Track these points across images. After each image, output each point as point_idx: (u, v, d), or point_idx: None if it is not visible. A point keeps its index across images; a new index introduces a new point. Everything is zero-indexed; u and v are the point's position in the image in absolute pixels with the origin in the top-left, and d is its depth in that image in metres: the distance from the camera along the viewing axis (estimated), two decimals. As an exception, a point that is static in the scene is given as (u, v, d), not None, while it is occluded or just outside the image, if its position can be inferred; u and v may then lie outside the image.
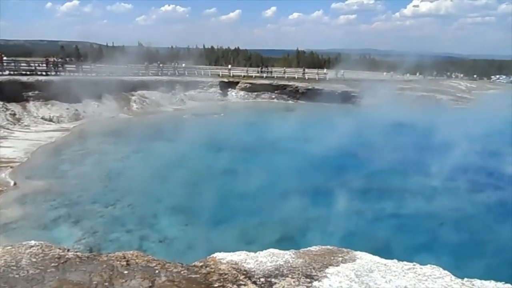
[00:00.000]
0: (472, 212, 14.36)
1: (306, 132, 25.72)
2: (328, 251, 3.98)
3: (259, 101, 42.40)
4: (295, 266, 3.60)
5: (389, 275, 3.30)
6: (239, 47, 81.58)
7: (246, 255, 3.90)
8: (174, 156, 19.67)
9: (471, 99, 45.73)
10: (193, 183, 15.65)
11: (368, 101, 41.39)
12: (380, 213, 13.70)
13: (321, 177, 17.31)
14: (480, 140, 23.25)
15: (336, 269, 3.50)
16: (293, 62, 71.41)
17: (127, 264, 3.41)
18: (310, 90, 42.14)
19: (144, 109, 34.01)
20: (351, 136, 23.50)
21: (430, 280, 3.18)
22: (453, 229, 12.71)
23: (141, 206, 13.65)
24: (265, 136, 24.93)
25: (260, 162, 19.42)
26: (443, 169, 18.32)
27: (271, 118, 32.15)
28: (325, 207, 13.80)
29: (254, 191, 14.80)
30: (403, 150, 21.72)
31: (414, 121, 29.17)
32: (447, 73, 63.56)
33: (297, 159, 19.84)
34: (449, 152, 20.66)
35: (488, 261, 10.21)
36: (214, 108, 36.66)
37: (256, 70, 48.52)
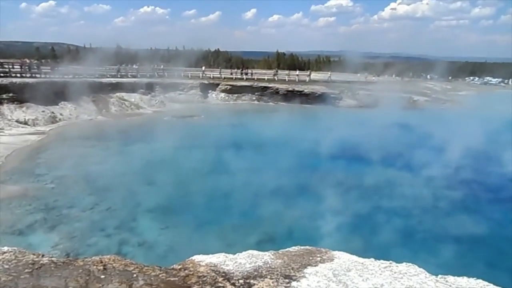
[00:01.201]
0: (448, 210, 14.70)
1: (287, 133, 25.83)
2: (307, 251, 4.01)
3: (239, 103, 42.40)
4: (274, 267, 3.61)
5: (366, 274, 3.35)
6: (219, 49, 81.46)
7: (225, 257, 3.89)
8: (154, 159, 19.48)
9: (446, 100, 46.83)
10: (173, 185, 15.53)
11: (347, 102, 41.97)
12: (359, 212, 13.87)
13: (301, 177, 17.43)
14: (456, 140, 23.82)
15: (315, 269, 3.52)
16: (273, 64, 71.73)
17: (104, 269, 3.35)
18: (291, 92, 42.38)
19: (123, 111, 33.56)
20: (330, 136, 23.74)
21: (405, 277, 3.24)
22: (427, 226, 13.00)
23: (121, 210, 13.46)
24: (246, 137, 24.98)
25: (240, 163, 19.41)
26: (421, 167, 18.74)
27: (251, 120, 32.22)
28: (304, 207, 13.91)
29: (235, 193, 14.80)
30: (381, 150, 22.05)
31: (392, 121, 29.66)
32: (423, 74, 64.92)
33: (277, 160, 19.93)
34: (427, 151, 21.13)
35: (461, 257, 10.48)
36: (194, 110, 36.46)
37: (229, 72, 48.30)
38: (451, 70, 68.40)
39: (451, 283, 3.10)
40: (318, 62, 78.46)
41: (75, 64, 38.71)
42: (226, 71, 49.36)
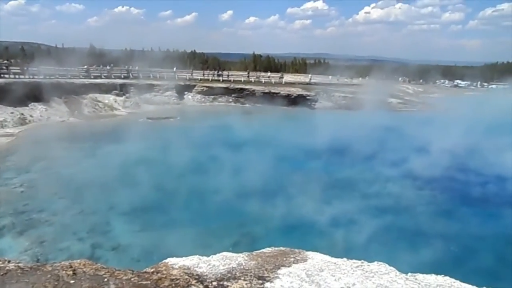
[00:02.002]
0: (418, 209, 15.05)
1: (262, 135, 25.85)
2: (281, 252, 4.03)
3: (216, 104, 42.25)
4: (247, 268, 3.61)
5: (338, 273, 3.39)
6: (195, 50, 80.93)
7: (199, 259, 3.87)
8: (128, 161, 19.13)
9: (418, 102, 48.03)
10: (148, 188, 15.30)
11: (323, 104, 42.50)
12: (333, 212, 14.03)
13: (276, 178, 17.49)
14: (429, 141, 24.47)
15: (288, 269, 3.54)
16: (250, 66, 71.83)
17: (74, 274, 3.28)
18: (267, 94, 42.54)
19: (96, 113, 32.88)
20: (304, 138, 24.00)
21: (376, 276, 3.30)
22: (400, 225, 13.30)
23: (93, 213, 13.18)
24: (221, 139, 24.87)
25: (216, 165, 19.32)
26: (393, 167, 19.16)
27: (227, 122, 32.07)
28: (280, 207, 13.98)
29: (211, 194, 14.74)
30: (356, 150, 22.41)
31: (366, 123, 30.19)
32: (396, 77, 66.35)
33: (252, 161, 19.92)
34: (400, 152, 21.62)
35: (430, 255, 10.76)
36: (170, 111, 36.10)
37: (202, 73, 47.92)
38: (422, 73, 70.28)
39: (420, 281, 3.18)
40: (294, 65, 79.02)
41: (46, 64, 37.61)
42: (199, 72, 48.85)
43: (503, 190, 18.26)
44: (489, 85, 69.57)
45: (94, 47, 58.48)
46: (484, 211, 15.73)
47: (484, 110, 36.30)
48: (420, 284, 3.13)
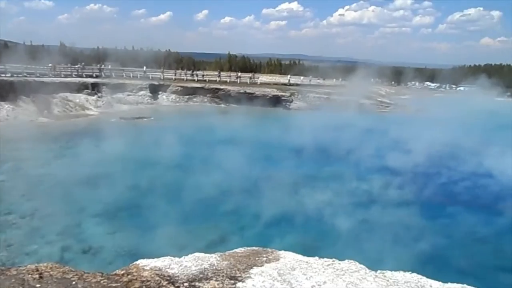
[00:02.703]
0: (386, 207, 15.40)
1: (237, 135, 25.74)
2: (253, 252, 4.03)
3: (191, 104, 41.92)
4: (220, 268, 3.60)
5: (310, 272, 3.42)
6: (170, 50, 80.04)
7: (171, 260, 3.82)
8: (100, 162, 18.73)
9: (390, 103, 49.10)
10: (120, 189, 15.04)
11: (297, 105, 42.85)
12: (306, 211, 14.18)
13: (249, 179, 17.49)
14: (399, 140, 25.09)
15: (260, 269, 3.55)
16: (225, 66, 71.60)
17: (40, 277, 3.18)
18: (242, 94, 42.53)
19: (67, 112, 32.01)
20: (278, 138, 24.15)
21: (347, 274, 3.35)
22: (370, 223, 13.57)
23: (64, 215, 12.82)
24: (195, 139, 24.69)
25: (189, 166, 19.18)
26: (365, 167, 19.56)
27: (202, 122, 31.88)
28: (253, 207, 14.03)
29: (185, 195, 14.60)
30: (330, 150, 22.73)
31: (338, 123, 30.61)
32: (369, 78, 67.53)
33: (225, 161, 19.86)
34: (373, 151, 22.07)
35: (399, 253, 11.04)
36: (143, 111, 35.57)
37: (174, 73, 47.40)
38: (394, 74, 71.95)
39: (389, 278, 3.26)
40: (270, 65, 79.28)
41: (13, 62, 36.31)
42: (172, 72, 48.25)
43: (472, 187, 19.00)
44: (457, 87, 71.89)
45: (65, 45, 56.91)
46: (455, 208, 16.28)
47: (453, 111, 37.48)
48: (388, 281, 3.20)
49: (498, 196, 17.95)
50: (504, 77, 63.92)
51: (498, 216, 15.65)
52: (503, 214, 15.88)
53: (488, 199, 17.91)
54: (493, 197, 17.95)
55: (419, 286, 3.10)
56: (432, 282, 3.16)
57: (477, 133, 28.03)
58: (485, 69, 69.61)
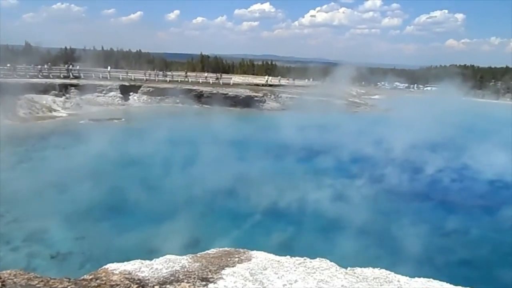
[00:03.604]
0: (353, 205, 15.73)
1: (208, 136, 25.41)
2: (225, 253, 4.02)
3: (163, 105, 41.33)
4: (191, 270, 3.56)
5: (281, 271, 3.44)
6: (141, 50, 78.73)
7: (141, 263, 3.76)
8: (68, 165, 18.18)
9: (361, 103, 50.08)
10: (89, 192, 14.63)
11: (270, 105, 43.05)
12: (279, 212, 14.28)
13: (221, 180, 17.38)
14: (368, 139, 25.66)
15: (232, 269, 3.54)
16: (198, 67, 71.07)
17: (3, 285, 3.06)
18: (215, 95, 42.33)
19: (33, 114, 30.92)
20: (250, 139, 24.19)
21: (318, 272, 3.38)
22: (340, 221, 13.81)
23: (30, 221, 12.38)
24: (167, 140, 24.35)
25: (160, 168, 18.87)
26: (333, 165, 19.90)
27: (174, 123, 31.48)
28: (225, 208, 14.01)
29: (155, 197, 14.40)
30: (302, 149, 22.97)
31: (310, 123, 30.98)
32: (340, 79, 68.59)
33: (198, 163, 19.74)
34: (343, 150, 22.43)
35: (369, 250, 11.29)
36: (114, 113, 34.81)
37: (144, 73, 46.41)
38: (364, 75, 73.31)
39: (358, 274, 3.32)
40: (242, 66, 79.30)
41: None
42: (141, 72, 47.20)
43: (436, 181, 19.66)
44: (424, 87, 74.10)
45: (30, 45, 54.92)
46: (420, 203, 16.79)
47: (421, 110, 38.57)
48: (358, 278, 3.26)
49: (455, 190, 18.74)
50: (468, 77, 66.31)
51: (463, 210, 16.25)
52: (468, 209, 16.53)
53: (447, 193, 18.65)
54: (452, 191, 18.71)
55: (387, 281, 3.18)
56: (400, 277, 3.25)
57: (443, 131, 29.06)
58: (450, 70, 71.92)
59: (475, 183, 20.37)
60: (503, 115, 44.34)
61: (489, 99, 62.69)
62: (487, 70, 78.42)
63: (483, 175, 21.24)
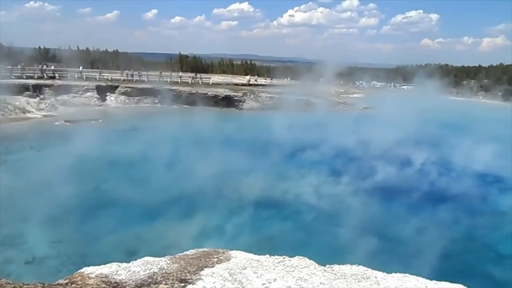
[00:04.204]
0: (330, 203, 15.94)
1: (187, 137, 25.13)
2: (204, 253, 3.99)
3: (141, 106, 40.79)
4: (169, 272, 3.52)
5: (260, 270, 3.44)
6: (118, 50, 77.52)
7: (118, 266, 3.70)
8: (43, 168, 17.71)
9: (340, 102, 50.65)
10: (65, 195, 14.26)
11: (250, 104, 43.07)
12: (256, 209, 14.32)
13: (198, 181, 17.29)
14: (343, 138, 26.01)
15: (211, 270, 3.52)
16: (176, 66, 70.42)
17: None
18: (194, 95, 42.05)
19: (5, 116, 30.01)
20: (228, 139, 24.14)
21: (297, 270, 3.40)
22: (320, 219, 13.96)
23: (4, 225, 11.98)
24: (144, 141, 24.07)
25: (138, 170, 18.64)
26: (310, 165, 20.10)
27: (153, 123, 31.03)
28: (204, 209, 13.96)
29: (133, 199, 14.21)
30: (281, 149, 23.04)
31: (289, 122, 31.15)
32: (318, 78, 69.17)
33: (176, 165, 19.58)
34: (321, 149, 22.68)
35: (347, 247, 11.46)
36: (91, 113, 34.13)
37: (120, 73, 45.74)
38: (342, 74, 74.19)
39: (337, 271, 3.35)
40: (222, 65, 79.05)
41: None
42: (116, 72, 46.44)
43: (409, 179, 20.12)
44: (401, 86, 75.58)
45: (1, 45, 53.30)
46: (393, 199, 17.13)
47: (400, 108, 39.31)
48: (336, 275, 3.29)
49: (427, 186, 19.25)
50: (443, 76, 67.93)
51: (435, 206, 16.64)
52: (441, 205, 16.96)
53: (423, 186, 19.15)
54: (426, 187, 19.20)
55: (364, 277, 3.22)
56: (377, 273, 3.29)
57: (422, 128, 29.74)
58: (426, 69, 73.51)
59: (450, 176, 21.04)
60: (476, 112, 45.79)
61: (463, 97, 64.42)
62: (460, 69, 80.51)
63: (459, 168, 22.04)
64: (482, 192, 19.08)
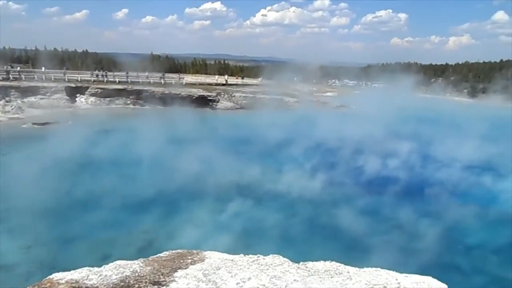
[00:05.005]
0: (303, 201, 16.16)
1: (158, 139, 24.63)
2: (178, 255, 3.96)
3: (113, 107, 39.92)
4: (142, 274, 3.47)
5: (235, 270, 3.44)
6: (87, 50, 75.72)
7: (89, 271, 3.62)
8: (9, 173, 17.05)
9: (313, 100, 51.16)
10: (33, 199, 13.81)
11: (224, 104, 42.95)
12: (230, 212, 14.32)
13: (171, 183, 17.14)
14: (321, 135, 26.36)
15: (185, 271, 3.49)
16: (149, 66, 69.37)
17: None
18: (167, 95, 41.51)
19: (-31, 119, 28.84)
20: (202, 141, 24.02)
21: (271, 268, 3.42)
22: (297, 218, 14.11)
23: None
24: (115, 144, 23.60)
25: (109, 172, 18.26)
26: (282, 166, 20.28)
27: (124, 125, 30.39)
28: (176, 211, 13.88)
29: (104, 202, 13.94)
30: (253, 148, 23.11)
31: (264, 122, 31.27)
32: (292, 77, 69.73)
33: (147, 166, 19.34)
34: (296, 148, 22.88)
35: (321, 244, 11.63)
36: (60, 116, 33.13)
37: (91, 74, 44.59)
38: (315, 73, 75.03)
39: (310, 268, 3.39)
40: (195, 65, 78.49)
41: None
42: (88, 73, 45.24)
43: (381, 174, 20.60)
44: (372, 84, 77.16)
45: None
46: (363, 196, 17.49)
47: (371, 106, 40.13)
48: (310, 271, 3.33)
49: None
50: (412, 74, 69.73)
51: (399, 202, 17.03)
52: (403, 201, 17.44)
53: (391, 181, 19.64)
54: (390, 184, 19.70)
55: (337, 273, 3.27)
56: (350, 268, 3.35)
57: (395, 124, 30.50)
58: (396, 67, 75.34)
59: (417, 168, 21.72)
60: (443, 108, 47.37)
61: (432, 94, 66.32)
62: (429, 67, 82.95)
63: (426, 161, 22.87)
64: (447, 184, 19.77)
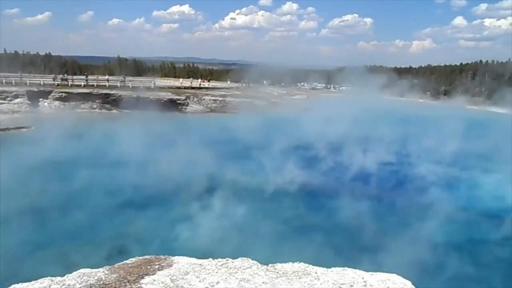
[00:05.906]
0: (276, 200, 16.27)
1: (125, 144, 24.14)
2: (145, 261, 3.89)
3: (78, 111, 38.72)
4: (108, 282, 3.39)
5: (203, 274, 3.41)
6: (50, 53, 73.30)
7: (51, 280, 3.51)
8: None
9: (282, 103, 51.61)
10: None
11: (194, 108, 42.65)
12: (201, 215, 14.24)
13: (137, 188, 16.87)
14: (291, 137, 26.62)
15: (152, 277, 3.43)
16: (116, 70, 67.93)
17: None
18: (135, 99, 40.74)
19: None
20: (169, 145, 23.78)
21: (240, 271, 3.40)
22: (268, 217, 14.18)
23: None
24: (80, 150, 22.98)
25: (73, 178, 17.74)
26: (249, 167, 20.38)
27: (90, 130, 29.52)
28: (150, 217, 13.67)
29: (69, 209, 13.55)
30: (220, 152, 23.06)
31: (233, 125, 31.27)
32: (261, 80, 70.10)
33: (115, 172, 18.96)
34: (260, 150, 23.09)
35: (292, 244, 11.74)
36: (22, 121, 31.90)
37: (54, 77, 43.20)
38: (285, 76, 75.71)
39: (279, 270, 3.40)
40: (163, 68, 77.53)
41: None
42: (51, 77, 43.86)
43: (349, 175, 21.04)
44: (340, 87, 78.62)
45: None
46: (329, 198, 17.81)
47: (337, 108, 40.88)
48: (278, 273, 3.33)
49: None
50: (378, 76, 71.57)
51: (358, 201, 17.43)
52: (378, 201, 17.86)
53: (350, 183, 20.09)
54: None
55: (305, 273, 3.30)
56: (317, 269, 3.39)
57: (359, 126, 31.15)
58: (362, 70, 77.03)
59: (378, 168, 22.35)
60: (407, 110, 48.97)
61: (396, 96, 68.26)
62: (393, 70, 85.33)
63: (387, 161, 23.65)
64: (407, 183, 20.42)
